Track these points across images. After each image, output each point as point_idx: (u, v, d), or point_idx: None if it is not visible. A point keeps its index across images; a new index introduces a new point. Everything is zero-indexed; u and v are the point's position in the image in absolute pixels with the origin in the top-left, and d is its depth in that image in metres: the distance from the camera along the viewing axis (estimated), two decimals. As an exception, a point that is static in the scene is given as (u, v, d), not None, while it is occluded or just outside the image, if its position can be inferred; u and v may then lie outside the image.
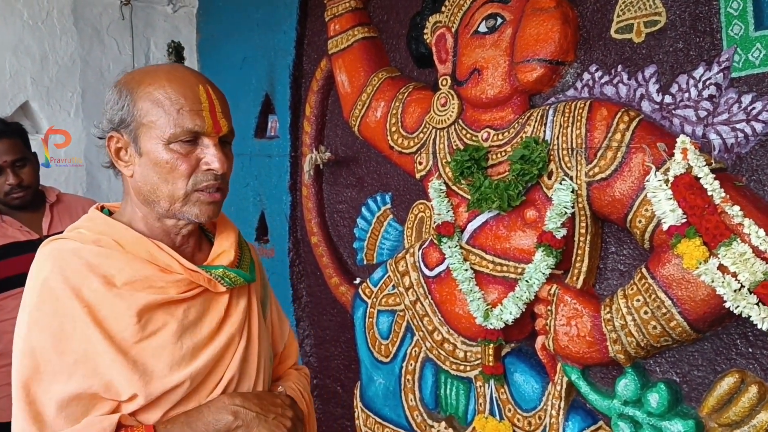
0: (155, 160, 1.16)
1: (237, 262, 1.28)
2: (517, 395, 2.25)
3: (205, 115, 1.15)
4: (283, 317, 1.53)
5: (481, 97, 2.25)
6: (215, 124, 1.16)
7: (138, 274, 1.16)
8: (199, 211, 1.18)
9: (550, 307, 2.07)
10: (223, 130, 1.18)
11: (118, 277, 1.15)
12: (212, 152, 1.16)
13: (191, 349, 1.17)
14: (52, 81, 3.50)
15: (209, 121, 1.15)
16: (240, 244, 1.35)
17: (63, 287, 1.13)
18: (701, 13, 1.81)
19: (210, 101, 1.16)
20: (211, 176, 1.17)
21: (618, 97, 1.98)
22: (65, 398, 1.09)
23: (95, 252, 1.16)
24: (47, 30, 3.47)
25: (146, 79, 1.16)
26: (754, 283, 1.60)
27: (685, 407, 1.89)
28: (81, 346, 1.11)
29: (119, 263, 1.16)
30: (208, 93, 1.16)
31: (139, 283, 1.16)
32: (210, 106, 1.15)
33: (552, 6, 2.05)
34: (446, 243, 2.33)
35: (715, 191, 1.67)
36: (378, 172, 2.84)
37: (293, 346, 1.59)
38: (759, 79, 1.70)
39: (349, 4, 2.80)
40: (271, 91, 3.34)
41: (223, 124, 1.18)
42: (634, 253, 2.00)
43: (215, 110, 1.16)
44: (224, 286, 1.22)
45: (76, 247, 1.17)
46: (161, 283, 1.17)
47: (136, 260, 1.17)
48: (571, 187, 2.00)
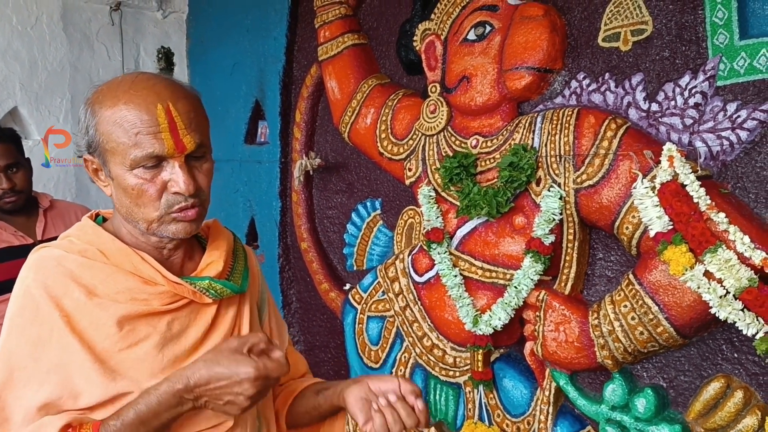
0: (123, 186, 1.13)
1: (228, 272, 1.27)
2: (506, 400, 2.26)
3: (164, 137, 1.09)
4: (282, 324, 1.49)
5: (470, 104, 2.27)
6: (177, 144, 1.10)
7: (120, 286, 1.15)
8: (176, 229, 1.16)
9: (538, 313, 2.09)
10: (187, 149, 1.11)
11: (100, 288, 1.14)
12: (177, 174, 1.11)
13: (172, 361, 1.15)
14: (41, 87, 3.49)
15: (169, 142, 1.09)
16: (235, 251, 1.33)
17: (43, 295, 1.12)
18: (687, 22, 1.83)
19: (170, 120, 1.09)
20: (180, 198, 1.13)
21: (605, 105, 2.00)
22: (35, 406, 1.08)
23: (79, 262, 1.16)
24: (36, 35, 3.46)
25: (107, 99, 1.12)
26: (739, 289, 1.61)
27: (672, 412, 1.91)
28: (57, 355, 1.10)
29: (102, 274, 1.16)
30: (168, 111, 1.09)
31: (122, 295, 1.15)
32: (170, 125, 1.09)
33: (540, 14, 2.07)
34: (436, 249, 2.34)
35: (701, 198, 1.69)
36: (368, 178, 2.85)
37: (295, 356, 1.52)
38: (744, 88, 1.72)
39: (339, 11, 2.81)
40: (261, 97, 3.34)
41: (188, 141, 1.11)
42: (622, 260, 2.02)
43: (176, 129, 1.09)
44: (210, 297, 1.21)
45: (60, 256, 1.17)
46: (144, 295, 1.16)
47: (120, 272, 1.17)
48: (559, 194, 2.02)
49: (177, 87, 1.16)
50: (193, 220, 1.17)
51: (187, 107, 1.13)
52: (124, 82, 1.14)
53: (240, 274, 1.30)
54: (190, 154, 1.13)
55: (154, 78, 1.17)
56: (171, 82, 1.17)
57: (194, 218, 1.17)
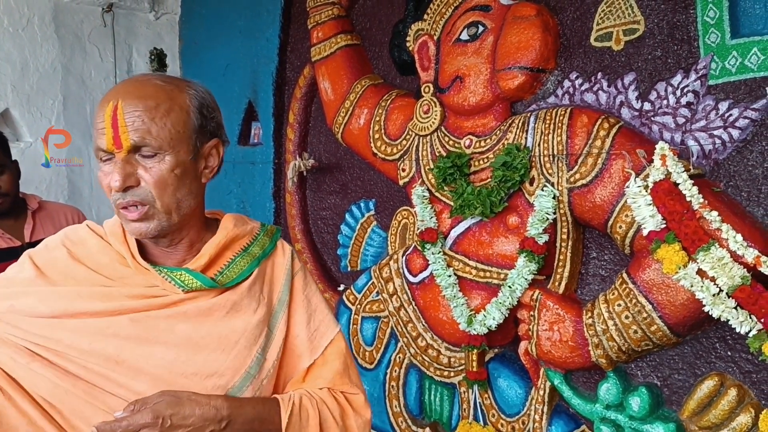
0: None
1: (221, 267, 1.26)
2: (501, 400, 2.26)
3: (106, 133, 1.14)
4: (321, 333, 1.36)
5: (463, 104, 2.27)
6: (115, 140, 1.13)
7: (103, 259, 1.23)
8: (130, 228, 1.19)
9: (532, 313, 2.09)
10: (124, 146, 1.13)
11: (87, 258, 1.23)
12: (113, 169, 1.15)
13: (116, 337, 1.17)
14: (32, 88, 3.47)
15: (109, 138, 1.14)
16: (247, 246, 1.32)
17: (38, 252, 1.25)
18: (679, 21, 1.84)
19: (113, 118, 1.13)
20: (117, 195, 1.16)
21: (598, 104, 2.01)
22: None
23: (71, 235, 1.28)
24: (28, 37, 3.45)
25: None
26: (732, 287, 1.62)
27: (666, 410, 1.91)
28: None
29: (88, 248, 1.25)
30: (115, 108, 1.13)
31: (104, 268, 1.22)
32: (113, 123, 1.13)
33: (533, 14, 2.08)
34: (430, 249, 2.34)
35: (693, 197, 1.70)
36: (361, 178, 2.85)
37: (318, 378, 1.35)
38: (735, 87, 1.73)
39: (332, 11, 2.81)
40: (254, 98, 3.34)
41: (125, 138, 1.13)
42: (615, 259, 2.02)
43: (117, 126, 1.13)
44: (179, 288, 1.21)
45: (57, 235, 1.29)
46: (119, 273, 1.22)
47: (108, 247, 1.24)
48: (552, 193, 2.02)
49: (139, 87, 1.18)
50: (138, 220, 1.17)
51: (135, 106, 1.15)
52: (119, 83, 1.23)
53: (239, 270, 1.28)
54: (137, 152, 1.15)
55: (134, 78, 1.23)
56: (140, 82, 1.19)
57: (137, 219, 1.17)
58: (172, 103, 1.18)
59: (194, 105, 1.21)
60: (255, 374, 1.25)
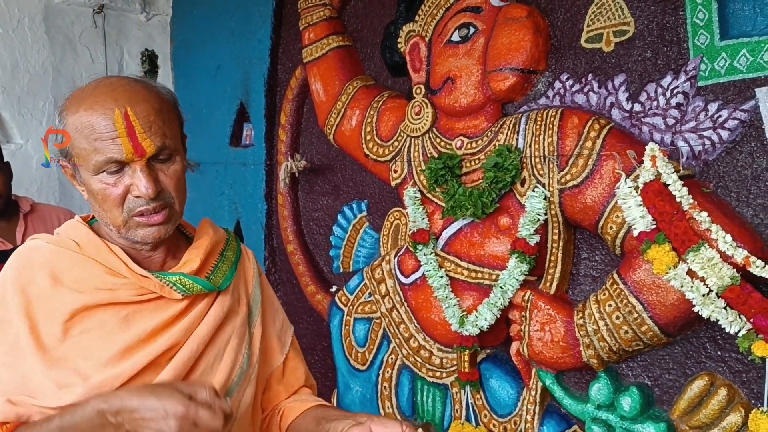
0: (90, 191, 1.17)
1: (209, 270, 1.27)
2: (493, 401, 2.27)
3: (122, 142, 1.10)
4: (284, 330, 1.47)
5: (454, 105, 2.27)
6: (136, 148, 1.10)
7: (85, 274, 1.18)
8: (144, 234, 1.17)
9: (524, 313, 2.09)
10: (147, 152, 1.12)
11: (66, 275, 1.17)
12: (138, 177, 1.12)
13: (123, 349, 1.15)
14: (23, 90, 3.46)
15: (128, 147, 1.10)
16: (224, 251, 1.34)
17: (13, 281, 1.17)
18: (668, 23, 1.85)
19: (128, 124, 1.10)
20: (142, 202, 1.14)
21: (589, 106, 2.01)
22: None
23: (50, 249, 1.20)
24: (18, 39, 3.43)
25: (72, 106, 1.15)
26: (722, 287, 1.63)
27: (657, 410, 1.92)
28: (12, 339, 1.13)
29: (70, 262, 1.19)
30: (126, 116, 1.10)
31: (85, 283, 1.17)
32: (128, 130, 1.10)
33: (523, 15, 2.08)
34: (421, 250, 2.35)
35: (683, 198, 1.70)
36: (353, 180, 2.85)
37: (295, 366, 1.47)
38: (725, 88, 1.74)
39: (324, 13, 2.81)
40: (245, 99, 3.34)
41: (147, 144, 1.11)
42: (606, 259, 2.03)
43: (134, 133, 1.10)
44: (178, 292, 1.21)
45: (38, 245, 1.22)
46: (108, 284, 1.18)
47: (88, 261, 1.19)
48: (543, 194, 2.03)
49: (138, 90, 1.16)
50: (161, 223, 1.18)
51: (147, 110, 1.13)
52: (87, 89, 1.16)
53: (223, 274, 1.30)
54: (153, 157, 1.14)
55: (117, 82, 1.18)
56: (132, 86, 1.17)
57: (161, 222, 1.17)
58: (167, 105, 1.20)
59: (174, 103, 1.24)
60: (246, 369, 1.32)
